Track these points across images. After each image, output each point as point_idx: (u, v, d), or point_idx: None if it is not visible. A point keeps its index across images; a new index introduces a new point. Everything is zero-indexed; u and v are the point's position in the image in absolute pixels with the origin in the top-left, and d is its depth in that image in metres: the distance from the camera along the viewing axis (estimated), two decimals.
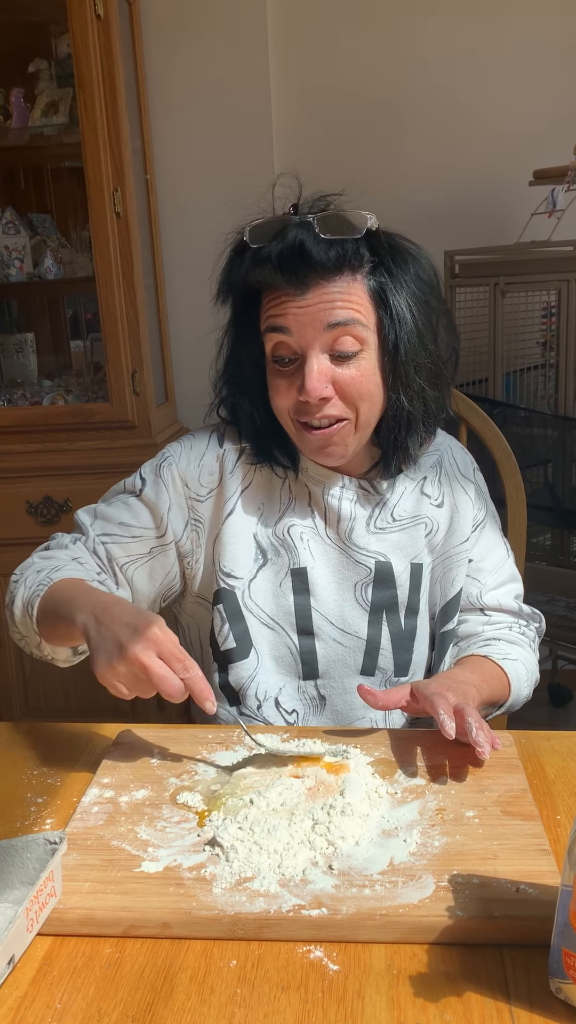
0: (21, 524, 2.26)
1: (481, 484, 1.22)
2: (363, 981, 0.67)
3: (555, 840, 0.81)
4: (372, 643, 1.14)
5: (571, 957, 0.63)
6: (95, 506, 1.17)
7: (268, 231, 1.02)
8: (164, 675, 0.87)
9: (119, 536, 1.12)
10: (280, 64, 2.45)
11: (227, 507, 1.12)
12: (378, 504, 1.14)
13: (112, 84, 2.08)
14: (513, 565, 1.23)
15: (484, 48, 2.41)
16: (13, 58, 2.40)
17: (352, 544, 1.13)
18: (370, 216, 1.01)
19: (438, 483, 1.17)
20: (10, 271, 2.35)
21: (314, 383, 1.01)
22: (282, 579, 1.13)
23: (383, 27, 2.42)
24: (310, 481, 1.13)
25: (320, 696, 1.14)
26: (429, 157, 2.46)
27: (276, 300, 1.02)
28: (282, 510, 1.13)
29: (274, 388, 1.06)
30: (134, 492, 1.14)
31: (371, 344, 1.03)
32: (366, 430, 1.07)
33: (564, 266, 2.22)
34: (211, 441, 1.15)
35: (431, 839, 0.80)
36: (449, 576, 1.17)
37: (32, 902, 0.70)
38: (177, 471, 1.13)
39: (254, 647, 1.13)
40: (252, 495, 1.13)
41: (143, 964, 0.69)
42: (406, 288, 1.03)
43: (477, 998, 0.65)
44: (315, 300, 1.00)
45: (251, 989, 0.66)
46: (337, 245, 0.99)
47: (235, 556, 1.12)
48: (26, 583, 1.06)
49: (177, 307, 2.57)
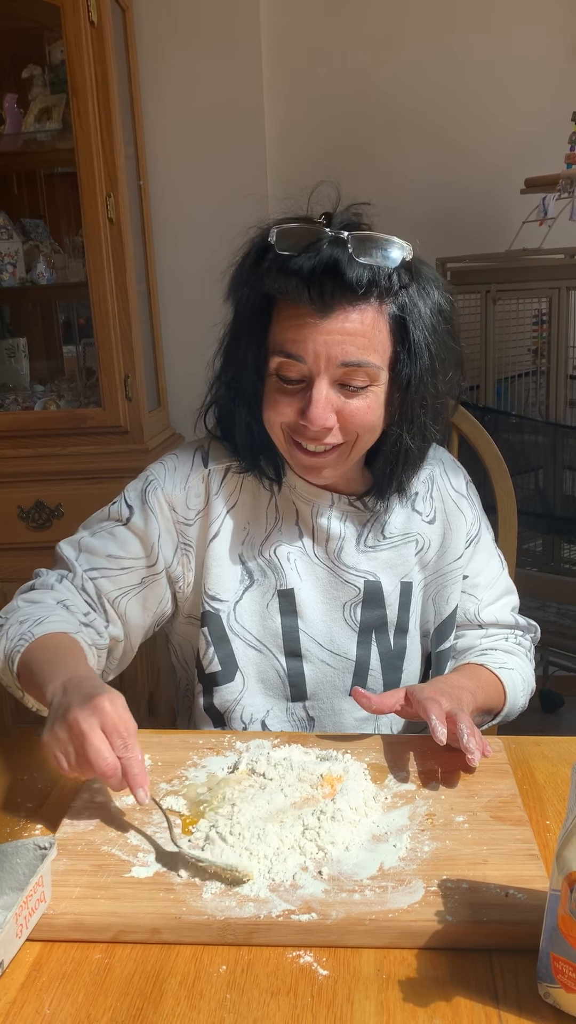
0: (13, 529, 2.26)
1: (474, 497, 1.20)
2: (352, 986, 0.67)
3: (544, 845, 0.81)
4: (361, 664, 1.12)
5: (559, 961, 0.63)
6: (78, 538, 1.11)
7: (298, 239, 0.95)
8: (99, 748, 0.80)
9: (108, 569, 1.08)
10: (273, 71, 2.46)
11: (212, 529, 1.09)
12: (368, 522, 1.12)
13: (106, 90, 2.09)
14: (508, 577, 1.22)
15: (476, 57, 2.42)
16: (7, 64, 2.40)
17: (341, 564, 1.11)
18: (406, 244, 0.96)
19: (430, 499, 1.15)
20: (3, 276, 2.35)
21: (319, 412, 0.97)
22: (269, 600, 1.10)
23: (376, 35, 2.44)
24: (298, 499, 1.10)
25: (309, 717, 1.13)
26: (422, 165, 2.47)
27: (293, 319, 0.96)
28: (268, 530, 1.10)
29: (272, 402, 1.02)
30: (120, 520, 1.09)
31: (382, 379, 1.00)
32: (358, 455, 1.05)
33: (555, 274, 2.23)
34: (195, 461, 1.11)
35: (421, 844, 0.80)
36: (444, 594, 1.16)
37: (21, 907, 0.69)
38: (163, 496, 1.09)
39: (240, 670, 1.11)
40: (238, 515, 1.10)
41: (133, 969, 0.69)
42: (425, 322, 0.99)
43: (466, 1003, 0.65)
44: (336, 328, 0.95)
45: (241, 994, 0.66)
46: (370, 270, 0.94)
47: (220, 579, 1.09)
48: (8, 635, 1.01)
49: (170, 312, 2.57)
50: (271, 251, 0.97)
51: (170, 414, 2.62)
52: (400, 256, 0.96)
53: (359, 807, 0.84)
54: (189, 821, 0.85)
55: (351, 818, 0.83)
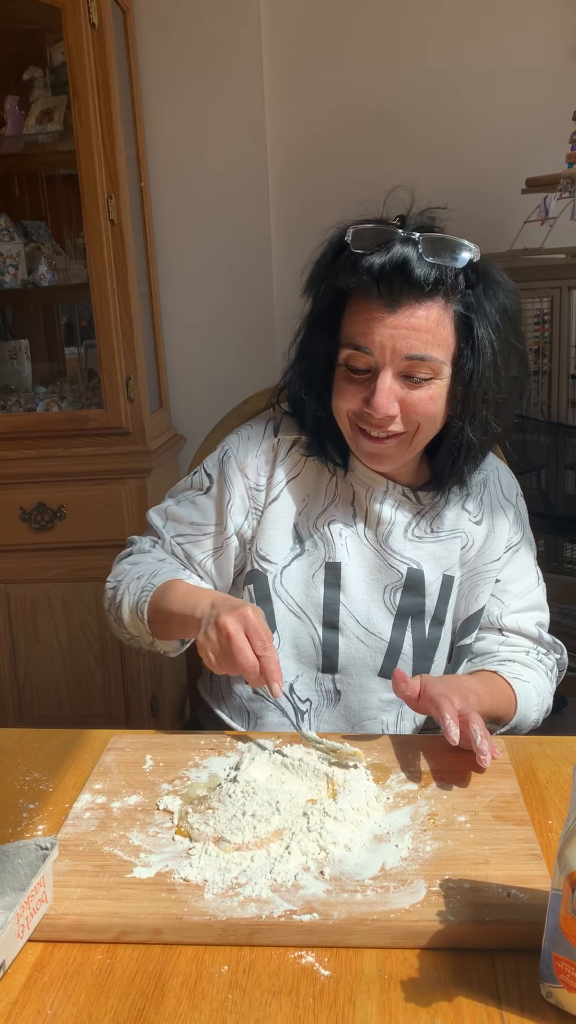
0: (15, 530, 2.26)
1: (522, 510, 1.23)
2: (354, 986, 0.67)
3: (546, 845, 0.81)
4: (394, 647, 1.15)
5: (561, 961, 0.63)
6: (165, 506, 1.22)
7: (372, 238, 1.02)
8: (242, 648, 0.93)
9: (192, 535, 1.18)
10: (274, 72, 2.46)
11: (272, 493, 1.16)
12: (418, 513, 1.16)
13: (107, 92, 2.09)
14: (543, 595, 1.23)
15: (477, 57, 2.42)
16: (8, 66, 2.40)
17: (388, 548, 1.15)
18: (474, 247, 1.02)
19: (480, 501, 1.18)
20: (4, 278, 2.35)
21: (383, 401, 1.02)
22: (315, 571, 1.15)
23: (377, 36, 2.44)
24: (356, 482, 1.16)
25: (336, 690, 1.16)
26: (422, 164, 2.47)
27: (363, 314, 1.02)
28: (326, 505, 1.16)
29: (340, 391, 1.08)
30: (200, 489, 1.19)
31: (445, 374, 1.04)
32: (419, 446, 1.09)
33: (556, 273, 2.23)
34: (267, 430, 1.19)
35: (423, 844, 0.80)
36: (475, 592, 1.18)
37: (23, 908, 0.69)
38: (237, 464, 1.17)
39: (277, 631, 1.15)
40: (298, 485, 1.17)
41: (134, 970, 0.69)
42: (491, 321, 1.04)
43: (468, 1003, 0.65)
44: (402, 323, 1.00)
45: (242, 995, 0.66)
46: (437, 269, 0.99)
47: (272, 541, 1.16)
48: (129, 590, 1.12)
49: (171, 314, 2.57)
50: (346, 249, 1.03)
51: (172, 415, 2.62)
52: (468, 257, 1.01)
53: (361, 807, 0.84)
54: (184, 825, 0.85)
55: (353, 818, 0.83)
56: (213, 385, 2.55)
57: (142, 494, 2.24)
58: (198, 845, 0.80)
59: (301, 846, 0.79)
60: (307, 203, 2.51)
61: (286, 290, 2.55)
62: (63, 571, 2.28)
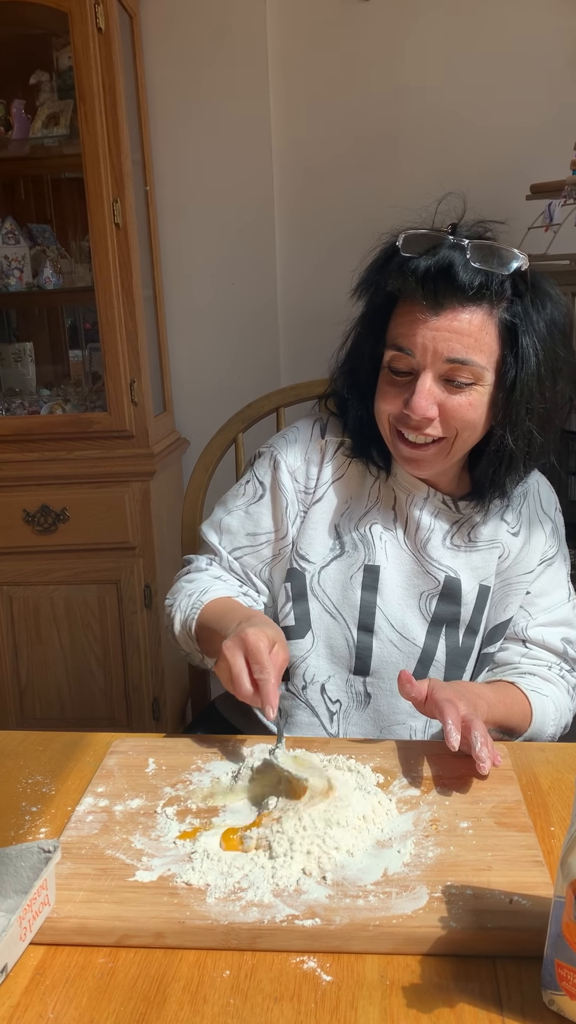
0: (18, 533, 2.26)
1: (560, 525, 1.23)
2: (356, 992, 0.67)
3: (549, 851, 0.81)
4: (427, 653, 1.16)
5: (564, 968, 0.63)
6: (218, 518, 1.22)
7: (422, 244, 1.03)
8: (239, 673, 0.95)
9: (248, 547, 1.19)
10: (280, 77, 2.47)
11: (317, 494, 1.17)
12: (457, 522, 1.16)
13: (113, 96, 2.10)
14: (573, 612, 1.21)
15: (482, 63, 2.43)
16: (15, 70, 2.41)
17: (426, 554, 1.15)
18: (522, 256, 1.02)
19: (519, 513, 1.18)
20: (9, 281, 2.36)
21: (421, 401, 1.03)
22: (354, 572, 1.15)
23: (381, 44, 2.44)
24: (398, 487, 1.17)
25: (367, 693, 1.16)
26: (427, 171, 2.47)
27: (407, 316, 1.03)
28: (368, 507, 1.17)
29: (381, 392, 1.09)
30: (254, 499, 1.20)
31: (487, 380, 1.04)
32: (459, 453, 1.09)
33: (560, 280, 2.20)
34: (314, 432, 1.20)
35: (425, 850, 0.80)
36: (504, 602, 1.18)
37: (26, 911, 0.70)
38: (287, 469, 1.18)
39: (312, 630, 1.16)
40: (342, 487, 1.18)
41: (136, 974, 0.69)
42: (537, 331, 1.03)
43: (470, 1009, 0.65)
44: (444, 325, 1.01)
45: (244, 999, 0.66)
46: (483, 275, 1.00)
47: (312, 541, 1.17)
48: (180, 607, 1.14)
49: (175, 317, 2.58)
50: (397, 254, 1.05)
51: (175, 418, 2.62)
52: (515, 266, 1.01)
53: (368, 815, 0.84)
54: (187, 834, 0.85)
55: (355, 824, 0.82)
56: (216, 389, 2.55)
57: (145, 497, 2.24)
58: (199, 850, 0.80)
59: (305, 847, 0.79)
60: (312, 209, 2.52)
61: (290, 295, 2.55)
62: (66, 574, 2.29)
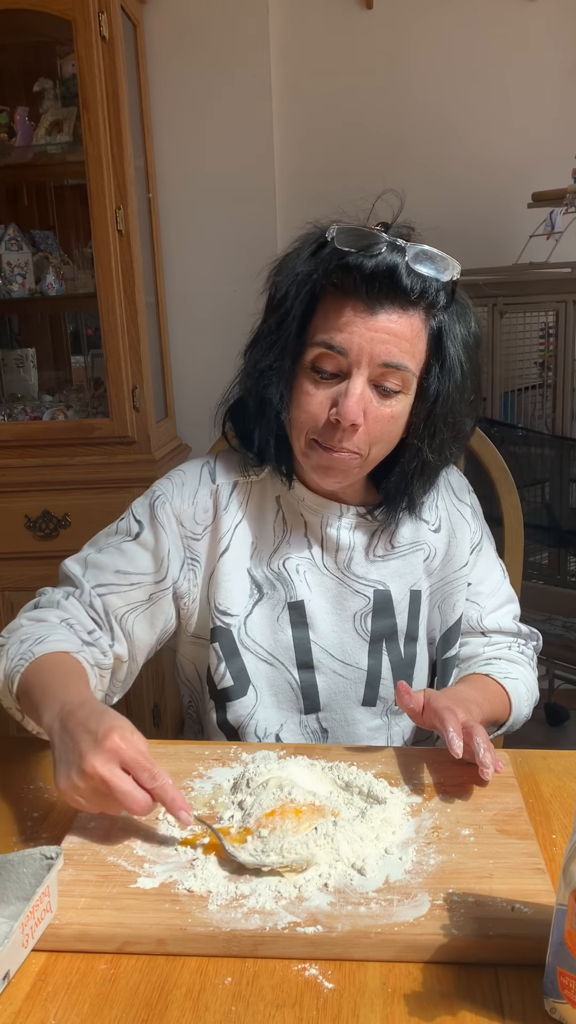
0: (19, 539, 2.27)
1: (476, 505, 1.21)
2: (358, 999, 0.67)
3: (550, 859, 0.81)
4: (373, 674, 1.12)
5: (566, 976, 0.63)
6: (84, 555, 1.10)
7: (358, 240, 0.98)
8: (127, 790, 0.78)
9: (116, 585, 1.07)
10: (283, 86, 2.48)
11: (222, 544, 1.10)
12: (376, 532, 1.12)
13: (116, 104, 2.11)
14: (509, 586, 1.23)
15: (484, 73, 2.44)
16: (18, 77, 2.43)
17: (351, 574, 1.11)
18: (456, 265, 1.00)
19: (435, 508, 1.16)
20: (12, 287, 2.37)
21: (352, 406, 0.97)
22: (279, 613, 1.10)
23: (383, 52, 2.46)
24: (306, 511, 1.11)
25: (322, 729, 1.13)
26: (429, 180, 2.48)
27: (341, 313, 0.98)
28: (276, 543, 1.11)
29: (304, 394, 1.01)
30: (129, 536, 1.09)
31: (411, 389, 1.01)
32: (370, 467, 1.05)
33: (562, 287, 2.24)
34: (203, 476, 1.12)
35: (427, 857, 0.80)
36: (449, 602, 1.16)
37: (28, 917, 0.70)
38: (172, 510, 1.09)
39: (252, 684, 1.10)
40: (245, 530, 1.11)
41: (138, 981, 0.69)
42: (460, 341, 1.02)
43: (472, 1017, 0.65)
44: (381, 326, 0.97)
45: (246, 1007, 0.66)
46: (423, 280, 0.97)
47: (230, 593, 1.10)
48: (8, 655, 0.99)
49: (177, 324, 2.59)
50: (328, 246, 0.99)
51: (177, 425, 2.63)
52: (451, 276, 0.99)
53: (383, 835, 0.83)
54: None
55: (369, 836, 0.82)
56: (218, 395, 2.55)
57: None
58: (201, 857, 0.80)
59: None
60: (314, 216, 2.52)
61: None
62: None
